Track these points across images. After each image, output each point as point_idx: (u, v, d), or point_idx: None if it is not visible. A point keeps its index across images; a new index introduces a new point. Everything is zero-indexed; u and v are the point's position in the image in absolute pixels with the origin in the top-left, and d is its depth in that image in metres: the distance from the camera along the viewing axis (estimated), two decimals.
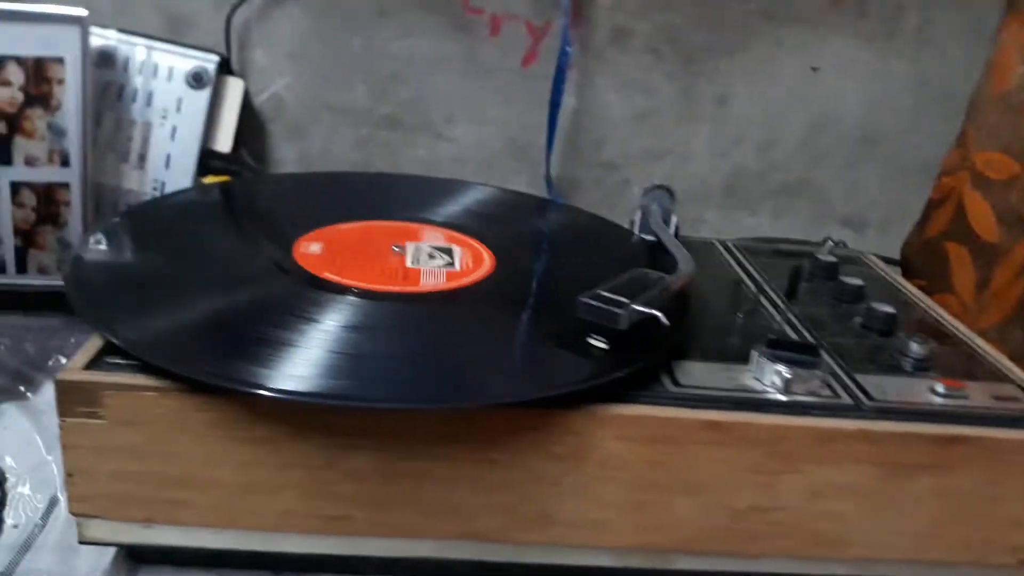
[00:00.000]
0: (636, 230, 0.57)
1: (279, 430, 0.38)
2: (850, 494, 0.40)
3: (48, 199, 0.66)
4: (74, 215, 0.65)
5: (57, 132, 0.65)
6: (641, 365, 0.40)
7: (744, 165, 0.79)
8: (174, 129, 0.69)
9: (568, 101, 0.75)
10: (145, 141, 0.69)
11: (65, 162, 0.65)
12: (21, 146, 0.64)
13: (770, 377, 0.41)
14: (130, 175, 0.69)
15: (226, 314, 0.42)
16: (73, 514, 0.39)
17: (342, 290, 0.45)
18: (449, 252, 0.51)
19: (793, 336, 0.47)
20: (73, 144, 0.65)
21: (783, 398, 0.41)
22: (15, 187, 0.65)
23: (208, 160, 0.71)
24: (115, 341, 0.38)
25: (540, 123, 0.74)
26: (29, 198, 0.65)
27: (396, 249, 0.50)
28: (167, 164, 0.69)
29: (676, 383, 0.41)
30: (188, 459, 0.38)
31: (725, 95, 0.77)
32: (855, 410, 0.40)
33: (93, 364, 0.38)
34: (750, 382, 0.42)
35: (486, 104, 0.76)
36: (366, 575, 0.42)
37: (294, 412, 0.38)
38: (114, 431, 0.38)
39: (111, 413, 0.37)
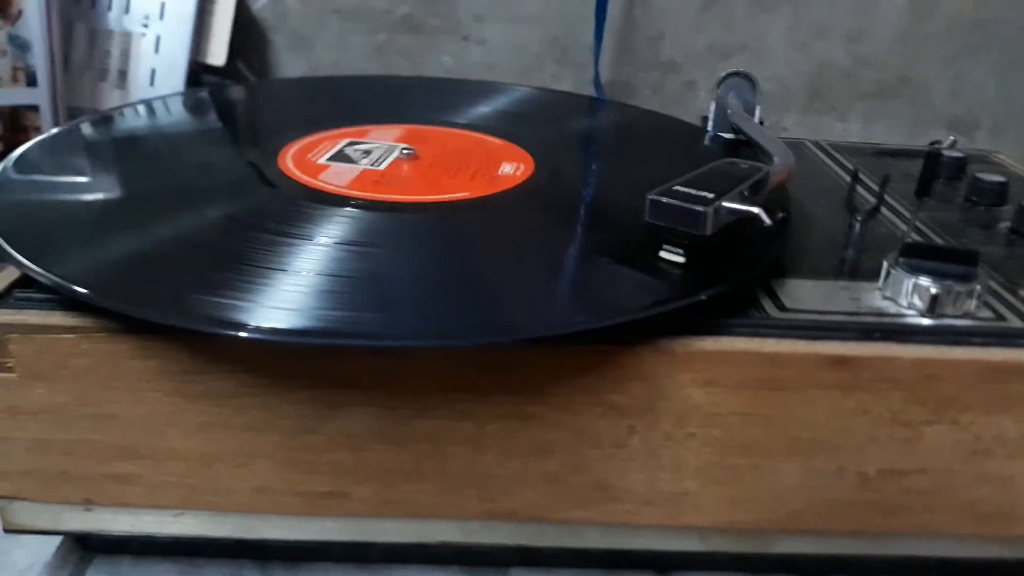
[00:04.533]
0: (710, 128, 0.46)
1: (244, 381, 0.28)
2: None
3: (16, 125, 0.57)
4: None
5: (20, 46, 0.55)
6: (734, 283, 0.29)
7: (830, 61, 0.67)
8: (158, 39, 0.59)
9: None
10: (125, 55, 0.59)
11: (32, 81, 0.56)
12: None
13: (910, 295, 0.30)
14: (109, 95, 0.60)
15: (175, 235, 0.32)
16: None
17: (338, 201, 0.35)
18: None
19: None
20: (39, 59, 0.56)
21: (929, 322, 0.30)
22: None
23: (199, 76, 0.61)
24: (24, 263, 0.29)
25: (586, 17, 0.63)
26: None
27: (406, 152, 0.39)
28: (152, 81, 0.59)
29: (781, 307, 0.30)
30: (128, 423, 0.29)
31: None
32: None
33: None
34: (881, 303, 0.31)
35: None
36: (374, 563, 0.33)
37: (262, 357, 0.28)
38: (29, 388, 0.29)
39: (22, 364, 0.28)
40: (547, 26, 0.65)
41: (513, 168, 0.39)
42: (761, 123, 0.44)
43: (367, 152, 0.40)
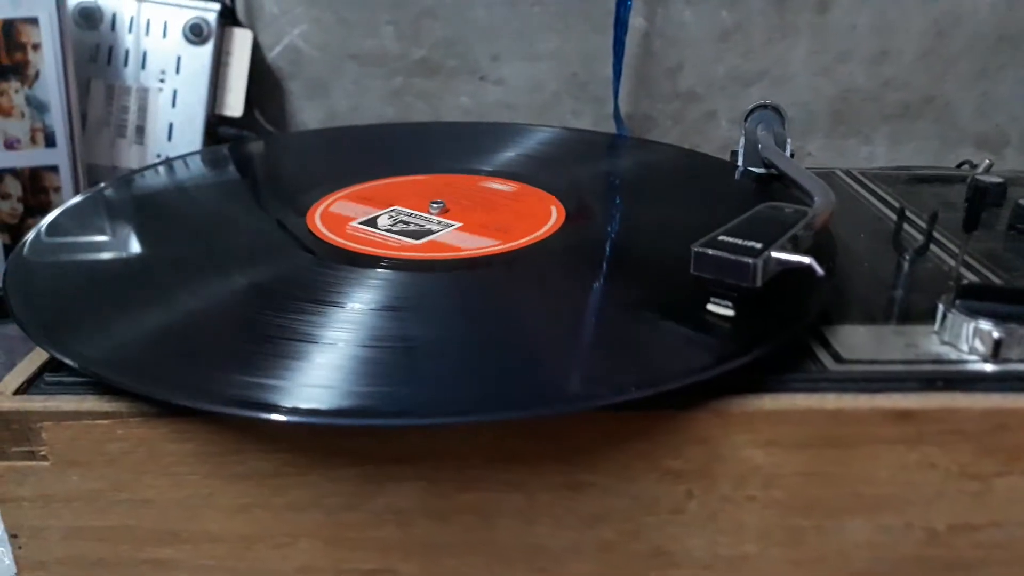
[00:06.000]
0: (740, 162, 0.45)
1: (284, 460, 0.27)
2: None
3: (35, 186, 0.56)
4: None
5: (38, 107, 0.55)
6: (789, 336, 0.28)
7: (853, 84, 0.66)
8: (175, 94, 0.59)
9: (635, 22, 0.62)
10: (142, 110, 0.59)
11: (51, 142, 0.56)
12: None
13: (970, 340, 0.29)
14: (128, 152, 0.59)
15: (207, 308, 0.31)
16: None
17: (368, 262, 0.34)
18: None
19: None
20: (58, 120, 0.56)
21: (993, 368, 0.28)
22: None
23: (217, 127, 0.61)
24: (53, 352, 0.28)
25: (603, 52, 0.62)
26: (14, 186, 0.56)
27: (435, 207, 0.38)
28: (169, 135, 0.59)
29: (838, 358, 0.29)
30: (166, 507, 0.28)
31: (825, 0, 0.64)
32: None
33: (29, 386, 0.28)
34: (940, 348, 0.29)
35: (537, 35, 0.64)
36: None
37: (302, 436, 0.27)
38: (63, 475, 0.28)
39: (56, 451, 0.27)
40: (564, 63, 0.64)
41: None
42: (792, 156, 0.43)
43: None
